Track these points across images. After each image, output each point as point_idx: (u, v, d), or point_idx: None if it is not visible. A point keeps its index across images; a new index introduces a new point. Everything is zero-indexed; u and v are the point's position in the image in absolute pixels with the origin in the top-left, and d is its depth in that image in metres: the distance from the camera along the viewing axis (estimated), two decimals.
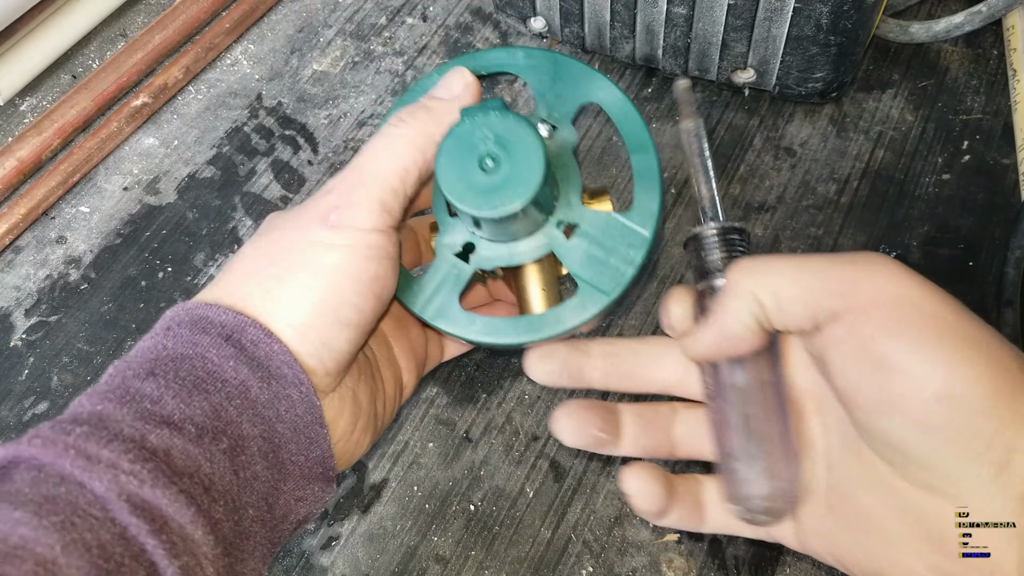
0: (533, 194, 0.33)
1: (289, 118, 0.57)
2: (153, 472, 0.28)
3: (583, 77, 0.37)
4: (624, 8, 0.51)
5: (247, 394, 0.31)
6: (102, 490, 0.27)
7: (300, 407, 0.32)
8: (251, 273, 0.33)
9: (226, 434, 0.30)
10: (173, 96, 0.58)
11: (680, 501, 0.37)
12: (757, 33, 0.49)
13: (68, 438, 0.28)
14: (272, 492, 0.32)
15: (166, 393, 0.30)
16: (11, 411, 0.48)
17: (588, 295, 0.36)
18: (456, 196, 0.33)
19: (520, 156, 0.33)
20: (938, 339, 0.29)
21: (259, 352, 0.32)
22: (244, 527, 0.31)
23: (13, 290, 0.52)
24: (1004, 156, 0.53)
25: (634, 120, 0.37)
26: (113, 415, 0.29)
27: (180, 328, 0.32)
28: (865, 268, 0.31)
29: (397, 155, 0.34)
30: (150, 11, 0.63)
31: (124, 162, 0.56)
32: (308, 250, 0.33)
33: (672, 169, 0.54)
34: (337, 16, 0.62)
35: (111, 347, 0.50)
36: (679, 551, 0.43)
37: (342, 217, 0.33)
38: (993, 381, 0.29)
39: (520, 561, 0.43)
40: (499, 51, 0.38)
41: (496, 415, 0.47)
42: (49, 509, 0.26)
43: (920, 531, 0.31)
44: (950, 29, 0.54)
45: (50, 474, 0.27)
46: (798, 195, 0.53)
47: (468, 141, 0.33)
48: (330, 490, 0.35)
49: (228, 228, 0.53)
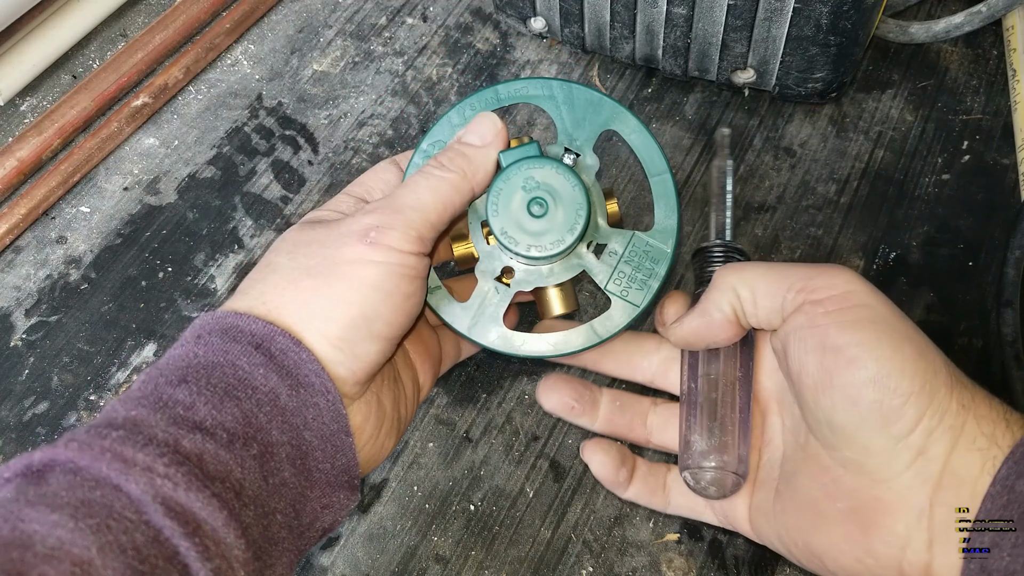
0: (579, 236, 0.38)
1: (289, 118, 0.57)
2: (187, 476, 0.28)
3: (600, 106, 0.40)
4: (624, 8, 0.51)
5: (276, 401, 0.32)
6: (138, 493, 0.27)
7: (327, 415, 0.33)
8: (286, 284, 0.34)
9: (256, 440, 0.31)
10: (173, 96, 0.58)
11: (643, 480, 0.42)
12: (757, 33, 0.49)
13: (104, 442, 0.28)
14: (299, 499, 0.33)
15: (198, 399, 0.31)
16: (11, 411, 0.48)
17: (620, 308, 0.40)
18: (510, 242, 0.37)
19: (565, 199, 0.37)
20: (877, 332, 0.33)
21: (288, 361, 0.33)
22: (273, 532, 0.31)
23: (13, 290, 0.52)
24: (1004, 156, 0.53)
25: (651, 146, 0.41)
26: (147, 420, 0.30)
27: (211, 336, 0.33)
28: (826, 271, 0.36)
29: (439, 194, 0.36)
30: (150, 11, 0.63)
31: (124, 162, 0.56)
32: (346, 265, 0.34)
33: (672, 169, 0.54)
34: (337, 16, 0.62)
35: (111, 347, 0.50)
36: (679, 551, 0.43)
37: (381, 237, 0.34)
38: (920, 373, 0.32)
39: (520, 561, 0.43)
40: (518, 83, 0.40)
41: (496, 415, 0.47)
42: (85, 512, 0.26)
43: (847, 511, 0.34)
44: (950, 29, 0.54)
45: (86, 477, 0.28)
46: (798, 195, 0.53)
47: (516, 187, 0.36)
48: (355, 498, 0.36)
49: (228, 228, 0.53)
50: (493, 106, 0.41)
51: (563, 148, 0.40)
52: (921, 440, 0.32)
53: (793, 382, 0.36)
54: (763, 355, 0.41)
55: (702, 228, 0.52)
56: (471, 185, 0.38)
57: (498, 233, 0.37)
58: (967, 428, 0.32)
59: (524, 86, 0.41)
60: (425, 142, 0.41)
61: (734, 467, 0.38)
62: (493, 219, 0.37)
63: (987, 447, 0.32)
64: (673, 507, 0.42)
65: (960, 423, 0.32)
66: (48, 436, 0.47)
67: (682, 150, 0.55)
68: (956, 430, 0.32)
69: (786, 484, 0.38)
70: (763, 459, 0.40)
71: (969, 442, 0.32)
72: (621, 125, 0.40)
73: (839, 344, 0.33)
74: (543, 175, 0.38)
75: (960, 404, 0.33)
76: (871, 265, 0.50)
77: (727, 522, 0.41)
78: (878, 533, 0.33)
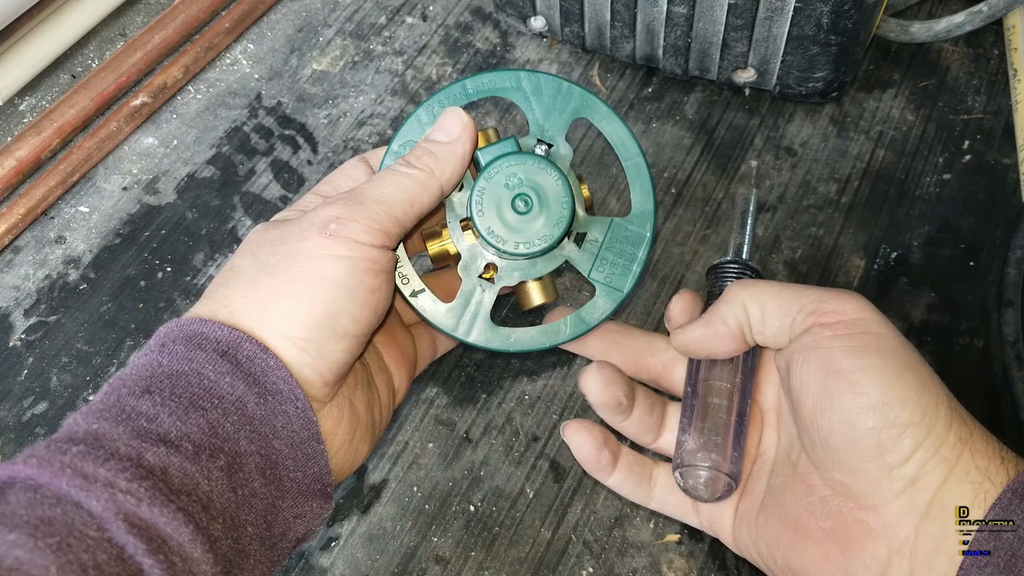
0: (565, 229, 0.38)
1: (289, 118, 0.57)
2: (151, 491, 0.27)
3: (570, 95, 0.40)
4: (624, 7, 0.51)
5: (244, 410, 0.31)
6: (99, 509, 0.26)
7: (296, 423, 0.32)
8: (247, 285, 0.33)
9: (223, 451, 0.30)
10: (172, 96, 0.58)
11: (628, 468, 0.41)
12: (758, 33, 0.49)
13: (64, 457, 0.27)
14: (270, 509, 0.32)
15: (162, 411, 0.30)
16: (10, 411, 0.48)
17: (605, 294, 0.41)
18: (498, 241, 0.37)
19: (549, 193, 0.37)
20: (883, 360, 0.33)
21: (255, 368, 0.32)
22: (243, 545, 0.30)
23: (12, 290, 0.52)
24: (1005, 156, 0.53)
25: (622, 132, 0.40)
26: (109, 434, 0.29)
27: (175, 344, 0.32)
28: (839, 296, 0.35)
29: (404, 189, 0.35)
30: (149, 11, 0.63)
31: (123, 162, 0.56)
32: (306, 261, 0.33)
33: (673, 169, 0.54)
34: (337, 16, 0.62)
35: (110, 347, 0.50)
36: (679, 552, 0.43)
37: (341, 228, 0.33)
38: (922, 405, 0.32)
39: (520, 562, 0.43)
40: (485, 76, 0.40)
41: (496, 415, 0.47)
42: (45, 531, 0.25)
43: (830, 531, 0.34)
44: (951, 29, 0.54)
45: (46, 495, 0.27)
46: (799, 195, 0.53)
47: (499, 185, 0.36)
48: (328, 507, 0.35)
49: (227, 228, 0.53)
50: (462, 101, 0.40)
51: (535, 139, 0.40)
52: (914, 470, 0.32)
53: (793, 401, 0.36)
54: (767, 368, 0.41)
55: (702, 228, 0.52)
56: (439, 183, 0.37)
57: (485, 233, 0.37)
58: (962, 461, 0.32)
59: (491, 79, 0.40)
60: (396, 143, 0.40)
61: (727, 469, 0.38)
62: (479, 219, 0.37)
63: (980, 481, 0.32)
64: (657, 502, 0.42)
65: (955, 456, 0.32)
66: (47, 436, 0.47)
67: (682, 150, 0.54)
68: (950, 462, 0.32)
69: (772, 497, 0.38)
70: (754, 469, 0.40)
71: (962, 475, 0.32)
72: (591, 113, 0.40)
73: (843, 368, 0.33)
74: (525, 171, 0.37)
75: (958, 437, 0.32)
76: (872, 265, 0.50)
77: (709, 527, 0.41)
78: (860, 556, 0.33)
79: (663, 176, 0.54)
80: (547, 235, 0.38)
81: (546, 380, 0.48)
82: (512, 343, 0.40)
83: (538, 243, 0.38)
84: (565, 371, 0.48)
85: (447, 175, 0.37)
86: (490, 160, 0.37)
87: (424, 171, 0.36)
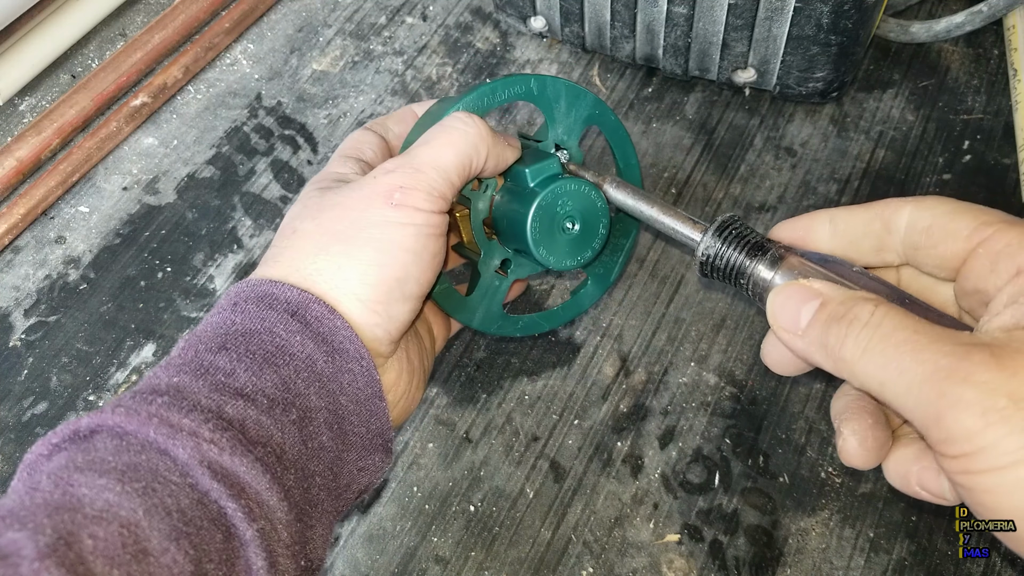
0: (603, 244, 0.40)
1: (289, 118, 0.57)
2: (231, 441, 0.29)
3: (583, 100, 0.41)
4: (624, 8, 0.51)
5: (313, 367, 0.33)
6: (185, 457, 0.28)
7: (361, 380, 0.34)
8: (318, 251, 0.35)
9: (295, 405, 0.32)
10: (172, 96, 0.58)
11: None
12: (758, 33, 0.49)
13: (151, 407, 0.29)
14: (337, 461, 0.33)
15: (238, 366, 0.32)
16: (10, 411, 0.48)
17: (595, 281, 0.44)
18: (547, 261, 0.39)
19: (588, 213, 0.39)
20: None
21: (323, 328, 0.33)
22: (312, 495, 0.32)
23: (12, 290, 0.52)
24: (1005, 156, 0.53)
25: (624, 139, 0.43)
26: (190, 387, 0.31)
27: (247, 304, 0.34)
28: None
29: (459, 152, 0.36)
30: (149, 11, 0.63)
31: (123, 162, 0.56)
32: (374, 228, 0.34)
33: (673, 169, 0.54)
34: (337, 16, 0.62)
35: (110, 347, 0.49)
36: (679, 552, 0.43)
37: (406, 198, 0.35)
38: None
39: (520, 562, 0.43)
40: (510, 82, 0.40)
41: (496, 415, 0.47)
42: (132, 476, 0.27)
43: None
44: (951, 29, 0.54)
45: (132, 442, 0.28)
46: (799, 195, 0.53)
47: (552, 212, 0.38)
48: (389, 460, 0.36)
49: (227, 228, 0.53)
50: (489, 107, 0.41)
51: (554, 145, 0.41)
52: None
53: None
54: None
55: None
56: (486, 142, 0.37)
57: (541, 258, 0.39)
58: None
59: (520, 85, 0.40)
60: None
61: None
62: (536, 246, 0.39)
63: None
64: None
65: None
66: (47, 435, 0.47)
67: (682, 150, 0.54)
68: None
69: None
70: None
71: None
72: (602, 120, 0.42)
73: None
74: (573, 196, 0.39)
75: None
76: None
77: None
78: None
79: (663, 176, 0.54)
80: (588, 251, 0.40)
81: (546, 380, 0.48)
82: (520, 328, 0.43)
83: (580, 259, 0.40)
84: (565, 371, 0.48)
85: (496, 151, 0.38)
86: (538, 179, 0.39)
87: (475, 130, 0.37)
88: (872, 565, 0.42)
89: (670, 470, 0.45)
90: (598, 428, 0.46)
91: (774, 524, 0.43)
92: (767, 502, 0.44)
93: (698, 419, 0.46)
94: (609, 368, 0.48)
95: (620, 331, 0.49)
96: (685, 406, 0.47)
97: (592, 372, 0.48)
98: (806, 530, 0.43)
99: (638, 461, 0.45)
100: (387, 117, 0.43)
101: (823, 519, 0.43)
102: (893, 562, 0.42)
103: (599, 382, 0.47)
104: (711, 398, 0.47)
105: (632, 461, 0.45)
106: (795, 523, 0.43)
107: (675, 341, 0.48)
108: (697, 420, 0.46)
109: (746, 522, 0.43)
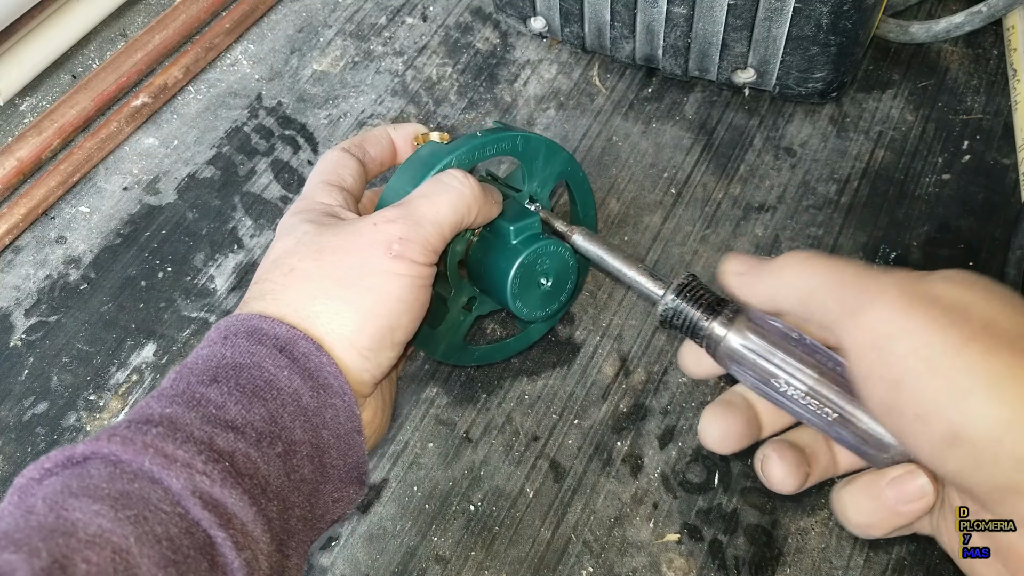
0: (569, 297, 0.44)
1: (289, 118, 0.57)
2: (222, 473, 0.30)
3: (557, 154, 0.44)
4: (624, 8, 0.51)
5: (299, 402, 0.34)
6: (178, 487, 0.29)
7: (343, 415, 0.35)
8: (318, 293, 0.36)
9: (280, 439, 0.33)
10: (173, 96, 0.58)
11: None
12: (757, 33, 0.49)
13: (146, 437, 0.30)
14: (315, 493, 0.35)
15: (229, 399, 0.33)
16: (11, 411, 0.48)
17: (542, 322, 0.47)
18: (524, 314, 0.42)
19: (560, 271, 0.43)
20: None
21: (310, 364, 0.34)
22: (291, 525, 0.33)
23: (13, 290, 0.52)
24: (1004, 156, 0.53)
25: (587, 193, 0.47)
26: (183, 418, 0.32)
27: (237, 338, 0.35)
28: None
29: (455, 210, 0.38)
30: (150, 11, 0.63)
31: (124, 162, 0.56)
32: (373, 278, 0.36)
33: (672, 169, 0.54)
34: (337, 16, 0.62)
35: (111, 347, 0.50)
36: (679, 551, 0.43)
37: (405, 249, 0.36)
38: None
39: (520, 561, 0.43)
40: (500, 139, 0.42)
41: (496, 415, 0.47)
42: (124, 503, 0.28)
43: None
44: (950, 29, 0.54)
45: (125, 470, 0.29)
46: (798, 195, 0.53)
47: (531, 270, 0.42)
48: (362, 491, 0.37)
49: (228, 228, 0.53)
50: (472, 163, 0.43)
51: (526, 197, 0.44)
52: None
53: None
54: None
55: (702, 228, 0.52)
56: (478, 202, 0.39)
57: (516, 310, 0.42)
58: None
59: (500, 141, 0.42)
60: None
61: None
62: (514, 302, 0.42)
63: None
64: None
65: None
66: (48, 436, 0.47)
67: (682, 150, 0.55)
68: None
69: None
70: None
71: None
72: (572, 175, 0.46)
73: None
74: (550, 256, 0.42)
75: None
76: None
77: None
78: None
79: (663, 176, 0.54)
80: (557, 303, 0.43)
81: (546, 380, 0.48)
82: (476, 358, 0.46)
83: (547, 311, 0.43)
84: (565, 371, 0.48)
85: (486, 209, 0.40)
86: (521, 237, 0.42)
87: (470, 190, 0.39)
88: (872, 565, 0.42)
89: (670, 470, 0.45)
90: (598, 428, 0.46)
91: (774, 524, 0.43)
92: (767, 502, 0.44)
93: (698, 419, 0.46)
94: (609, 368, 0.48)
95: (620, 331, 0.49)
96: (685, 406, 0.47)
97: (592, 372, 0.48)
98: (806, 530, 0.43)
99: (638, 461, 0.45)
100: (363, 138, 0.44)
101: (823, 519, 0.43)
102: (892, 562, 0.42)
103: (599, 382, 0.47)
104: (711, 398, 0.47)
105: (632, 461, 0.45)
106: (795, 523, 0.43)
107: (675, 341, 0.48)
108: (697, 420, 0.46)
109: (746, 521, 0.43)
